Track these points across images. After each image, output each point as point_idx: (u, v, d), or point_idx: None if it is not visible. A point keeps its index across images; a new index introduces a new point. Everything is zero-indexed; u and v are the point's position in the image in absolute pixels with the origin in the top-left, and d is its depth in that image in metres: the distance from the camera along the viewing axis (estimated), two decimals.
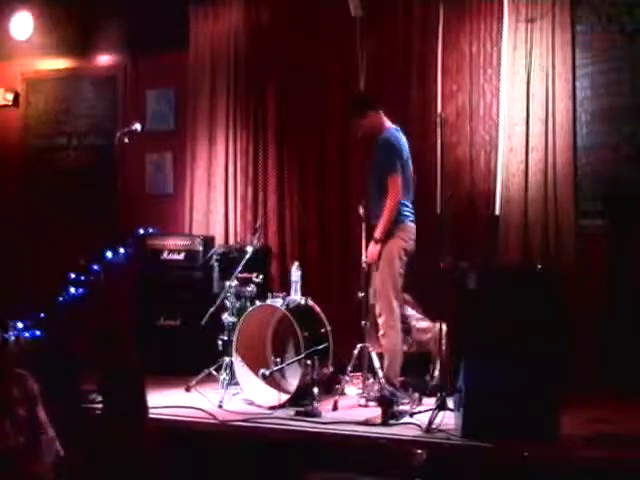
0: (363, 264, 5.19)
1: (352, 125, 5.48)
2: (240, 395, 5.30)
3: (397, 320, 5.07)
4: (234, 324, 5.40)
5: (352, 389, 5.26)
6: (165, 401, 4.97)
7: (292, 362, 5.22)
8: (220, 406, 5.01)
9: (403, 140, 5.18)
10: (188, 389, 5.46)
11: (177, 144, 7.03)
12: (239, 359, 5.28)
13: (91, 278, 6.54)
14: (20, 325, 6.34)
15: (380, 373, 5.06)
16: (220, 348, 5.48)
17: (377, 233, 5.03)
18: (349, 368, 5.20)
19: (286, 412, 4.84)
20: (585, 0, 5.78)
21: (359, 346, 5.14)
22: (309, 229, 6.45)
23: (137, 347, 3.34)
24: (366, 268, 5.18)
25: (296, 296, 5.40)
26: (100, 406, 3.19)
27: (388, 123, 5.24)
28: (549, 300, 4.31)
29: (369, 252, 5.10)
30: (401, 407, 4.74)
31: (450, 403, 4.56)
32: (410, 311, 5.33)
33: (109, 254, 6.55)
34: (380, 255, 5.02)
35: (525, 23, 5.83)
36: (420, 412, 4.64)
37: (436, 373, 5.17)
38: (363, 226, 5.27)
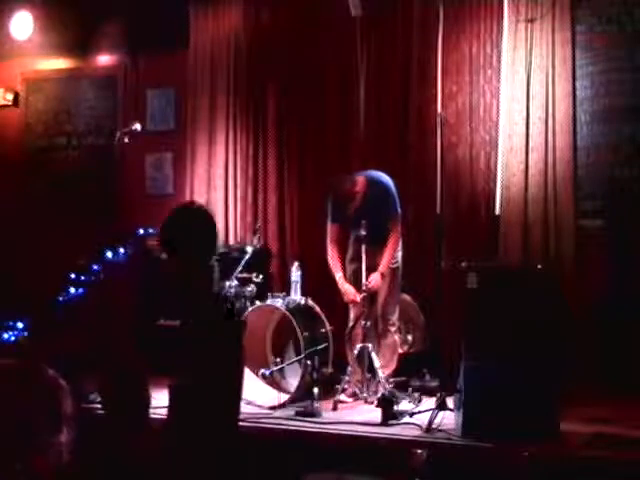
0: (364, 286, 5.08)
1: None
2: None
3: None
4: None
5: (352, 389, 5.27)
6: (165, 401, 4.95)
7: (292, 362, 5.22)
8: None
9: None
10: None
11: (177, 144, 7.03)
12: None
13: (91, 278, 6.53)
14: (20, 325, 6.34)
15: (380, 373, 5.06)
16: None
17: (382, 268, 5.11)
18: (349, 368, 5.20)
19: (286, 412, 4.84)
20: (585, 0, 5.78)
21: (359, 346, 5.11)
22: (309, 229, 6.45)
23: (137, 347, 3.33)
24: (366, 293, 5.10)
25: (296, 296, 5.40)
26: (100, 406, 3.18)
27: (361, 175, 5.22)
28: (549, 300, 4.31)
29: (375, 281, 5.09)
30: (401, 407, 4.75)
31: (450, 403, 4.56)
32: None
33: (109, 254, 6.54)
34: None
35: (525, 23, 5.83)
36: (420, 412, 4.64)
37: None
38: (363, 248, 5.08)
